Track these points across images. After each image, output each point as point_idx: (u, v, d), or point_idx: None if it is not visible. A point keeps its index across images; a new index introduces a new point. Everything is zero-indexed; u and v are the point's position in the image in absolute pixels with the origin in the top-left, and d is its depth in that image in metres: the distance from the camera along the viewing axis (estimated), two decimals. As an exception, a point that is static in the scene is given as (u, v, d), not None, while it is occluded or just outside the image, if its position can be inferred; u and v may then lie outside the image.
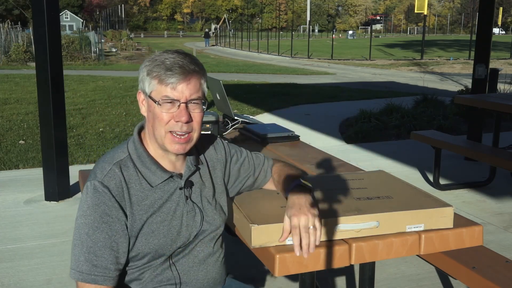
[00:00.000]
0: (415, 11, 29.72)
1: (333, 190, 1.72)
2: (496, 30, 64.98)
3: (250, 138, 2.80)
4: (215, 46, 45.88)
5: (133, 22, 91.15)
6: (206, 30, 54.80)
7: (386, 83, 15.55)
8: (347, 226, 1.48)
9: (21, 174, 5.25)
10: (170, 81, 1.38)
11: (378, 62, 25.57)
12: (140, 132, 1.52)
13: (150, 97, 1.41)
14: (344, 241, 1.48)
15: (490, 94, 6.07)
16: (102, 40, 27.89)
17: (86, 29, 37.23)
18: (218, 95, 3.08)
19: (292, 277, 2.87)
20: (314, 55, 30.12)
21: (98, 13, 76.77)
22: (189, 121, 1.41)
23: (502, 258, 2.28)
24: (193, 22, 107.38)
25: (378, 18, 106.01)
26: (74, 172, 4.05)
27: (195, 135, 1.45)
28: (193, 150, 1.51)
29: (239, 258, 3.01)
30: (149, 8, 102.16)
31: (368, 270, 1.74)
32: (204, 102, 1.44)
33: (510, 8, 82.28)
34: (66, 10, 75.01)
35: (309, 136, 6.87)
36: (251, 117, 3.34)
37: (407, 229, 1.54)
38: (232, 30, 54.92)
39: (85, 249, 1.37)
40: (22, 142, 6.71)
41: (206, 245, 1.56)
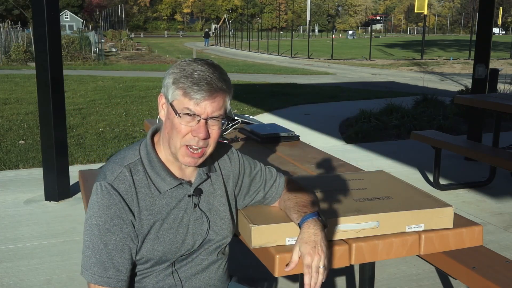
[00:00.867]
0: (415, 11, 29.73)
1: (333, 190, 1.72)
2: (496, 30, 64.97)
3: (250, 138, 2.80)
4: (215, 46, 45.88)
5: (133, 22, 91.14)
6: (206, 30, 55.01)
7: (386, 83, 15.55)
8: (347, 226, 1.48)
9: (21, 174, 5.25)
10: (195, 96, 1.36)
11: (378, 62, 25.57)
12: (153, 135, 1.51)
13: (172, 105, 1.39)
14: (344, 241, 1.48)
15: (490, 94, 6.07)
16: (102, 40, 27.89)
17: (86, 29, 37.24)
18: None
19: (292, 277, 2.87)
20: (314, 55, 30.12)
21: (98, 13, 76.77)
22: (206, 138, 1.39)
23: (502, 258, 2.28)
24: (193, 22, 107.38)
25: (378, 18, 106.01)
26: (74, 172, 4.05)
27: (209, 151, 1.43)
28: (207, 159, 1.48)
29: (239, 258, 3.01)
30: (149, 8, 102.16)
31: (368, 270, 1.74)
32: (224, 119, 1.43)
33: (510, 8, 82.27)
34: (66, 10, 75.03)
35: (309, 136, 6.87)
36: (251, 117, 3.34)
37: (407, 229, 1.53)
38: (232, 30, 54.92)
39: (96, 250, 1.37)
40: (22, 142, 6.71)
41: (211, 254, 1.55)
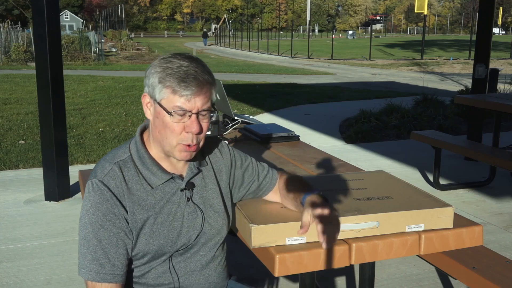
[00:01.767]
0: (415, 11, 29.74)
1: (333, 190, 1.72)
2: (496, 30, 64.99)
3: (250, 138, 2.80)
4: (215, 45, 45.89)
5: (133, 22, 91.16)
6: (204, 30, 55.35)
7: (386, 83, 15.56)
8: (347, 226, 1.48)
9: (21, 174, 5.25)
10: (185, 93, 1.36)
11: (378, 62, 25.57)
12: (142, 132, 1.52)
13: (160, 104, 1.39)
14: (344, 241, 1.48)
15: (490, 94, 6.08)
16: (102, 40, 27.89)
17: (86, 29, 37.22)
18: (218, 95, 3.08)
19: (292, 277, 2.87)
20: (314, 55, 30.13)
21: (98, 13, 76.78)
22: (199, 132, 1.40)
23: (502, 258, 2.28)
24: (193, 22, 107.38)
25: (378, 18, 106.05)
26: (74, 172, 4.05)
27: (202, 143, 1.46)
28: (197, 153, 1.50)
29: (239, 258, 3.01)
30: (149, 8, 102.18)
31: (368, 270, 1.74)
32: (212, 111, 1.44)
33: (510, 8, 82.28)
34: (66, 10, 75.05)
35: (309, 136, 6.87)
36: (251, 117, 3.34)
37: (407, 229, 1.53)
38: (232, 30, 54.97)
39: (91, 247, 1.38)
40: (22, 142, 6.71)
41: (210, 250, 1.55)
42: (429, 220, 1.55)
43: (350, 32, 73.51)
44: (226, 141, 2.70)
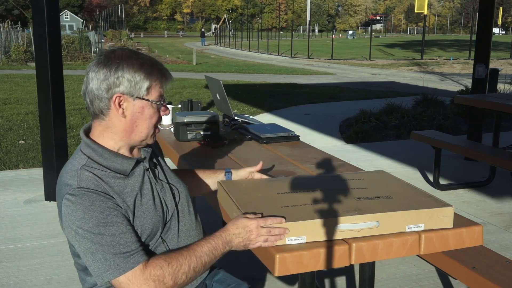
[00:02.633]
0: (415, 11, 29.74)
1: (332, 190, 1.72)
2: (496, 30, 64.99)
3: (250, 138, 2.80)
4: (215, 45, 45.89)
5: (133, 22, 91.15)
6: (202, 30, 55.57)
7: (386, 83, 15.56)
8: (347, 226, 1.48)
9: (21, 174, 5.25)
10: (166, 83, 1.52)
11: (378, 62, 25.58)
12: (86, 134, 1.54)
13: (144, 98, 1.47)
14: (344, 241, 1.48)
15: (490, 94, 6.08)
16: (102, 40, 27.91)
17: (86, 29, 37.22)
18: (218, 95, 3.08)
19: (292, 277, 2.87)
20: (314, 55, 30.13)
21: (98, 13, 76.75)
22: None
23: (502, 258, 2.28)
24: (193, 22, 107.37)
25: (378, 18, 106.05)
26: (74, 172, 4.04)
27: None
28: None
29: (239, 258, 3.01)
30: (149, 8, 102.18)
31: (368, 270, 1.74)
32: None
33: (510, 8, 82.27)
34: (66, 10, 75.04)
35: (309, 136, 6.87)
36: (251, 117, 3.34)
37: (407, 229, 1.53)
38: (232, 30, 54.98)
39: (107, 247, 1.35)
40: (22, 142, 6.71)
41: (188, 216, 1.63)
42: (429, 220, 1.55)
43: (350, 32, 73.50)
44: (226, 141, 2.70)
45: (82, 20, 67.63)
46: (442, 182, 4.80)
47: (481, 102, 4.72)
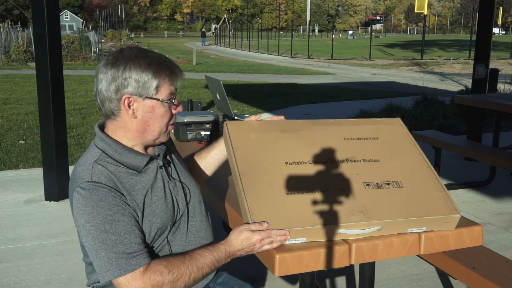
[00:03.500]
0: (415, 11, 29.74)
1: (344, 162, 1.60)
2: (496, 30, 64.99)
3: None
4: (215, 45, 45.90)
5: (133, 22, 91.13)
6: (203, 30, 55.69)
7: (386, 83, 15.56)
8: (349, 231, 1.47)
9: (21, 174, 5.25)
10: (176, 80, 1.50)
11: (378, 62, 25.58)
12: (101, 129, 1.54)
13: (154, 98, 1.45)
14: (344, 241, 1.48)
15: (490, 94, 6.08)
16: (102, 40, 27.89)
17: (86, 29, 37.22)
18: (218, 95, 3.08)
19: (292, 277, 2.87)
20: (314, 55, 30.13)
21: (98, 13, 76.75)
22: None
23: (502, 258, 2.28)
24: (193, 22, 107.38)
25: (378, 18, 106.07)
26: (74, 172, 4.04)
27: None
28: None
29: (239, 258, 3.01)
30: (149, 8, 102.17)
31: (368, 270, 1.74)
32: None
33: (510, 8, 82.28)
34: (66, 10, 75.04)
35: (309, 136, 6.85)
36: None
37: (409, 231, 1.53)
38: (232, 30, 54.99)
39: (111, 245, 1.35)
40: (22, 142, 6.71)
41: (197, 218, 1.61)
42: (432, 224, 1.53)
43: (350, 32, 73.50)
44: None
45: (82, 20, 67.64)
46: (442, 182, 4.78)
47: (481, 102, 4.72)
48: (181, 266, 1.38)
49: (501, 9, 42.65)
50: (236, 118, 3.11)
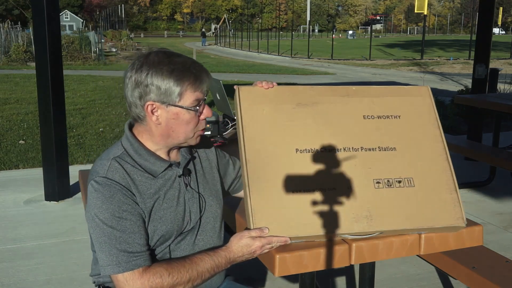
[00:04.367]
0: (415, 11, 29.75)
1: (358, 149, 1.51)
2: (496, 30, 64.97)
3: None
4: (215, 45, 45.89)
5: (133, 22, 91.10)
6: (203, 30, 55.73)
7: (386, 83, 15.55)
8: (351, 236, 1.46)
9: (21, 174, 5.25)
10: (202, 86, 1.46)
11: (378, 62, 25.58)
12: (131, 128, 1.54)
13: (178, 105, 1.43)
14: (344, 241, 1.48)
15: (490, 94, 6.08)
16: (102, 40, 27.89)
17: (86, 29, 37.20)
18: (218, 95, 3.08)
19: (292, 277, 2.87)
20: (314, 55, 30.13)
21: (98, 13, 76.71)
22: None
23: (502, 258, 2.28)
24: (193, 22, 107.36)
25: (378, 18, 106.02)
26: (74, 172, 4.05)
27: None
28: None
29: (239, 258, 3.01)
30: (149, 8, 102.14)
31: (368, 270, 1.74)
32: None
33: (510, 8, 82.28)
34: (66, 10, 75.02)
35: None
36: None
37: (409, 233, 1.52)
38: (232, 30, 54.98)
39: (114, 241, 1.36)
40: (22, 142, 6.71)
41: (207, 235, 1.58)
42: (435, 230, 1.52)
43: (350, 32, 73.49)
44: (226, 141, 2.70)
45: (82, 20, 67.60)
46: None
47: (481, 102, 4.72)
48: (181, 269, 1.38)
49: (501, 9, 42.65)
50: (236, 118, 3.10)
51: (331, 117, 1.55)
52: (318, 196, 1.44)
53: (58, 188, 4.30)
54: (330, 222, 1.43)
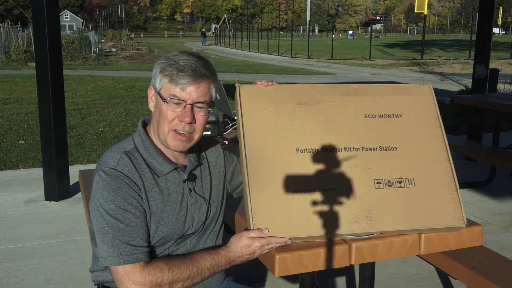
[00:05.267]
0: (415, 11, 29.75)
1: (359, 149, 1.50)
2: (496, 30, 64.96)
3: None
4: (215, 45, 45.89)
5: (133, 22, 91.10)
6: (203, 30, 55.76)
7: (386, 83, 15.52)
8: (350, 236, 1.46)
9: (21, 174, 5.25)
10: (181, 82, 1.42)
11: (378, 62, 25.57)
12: (144, 126, 1.56)
13: (159, 93, 1.46)
14: (344, 241, 1.48)
15: (490, 94, 6.08)
16: (102, 40, 27.87)
17: (86, 29, 37.22)
18: (218, 95, 3.08)
19: (292, 277, 2.87)
20: (314, 55, 30.12)
21: (98, 13, 76.72)
22: (192, 122, 1.45)
23: (502, 258, 2.28)
24: (193, 22, 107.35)
25: (378, 18, 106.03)
26: (74, 172, 4.05)
27: (196, 136, 1.50)
28: (195, 148, 1.57)
29: (239, 258, 3.01)
30: (149, 8, 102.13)
31: (368, 270, 1.74)
32: (210, 106, 1.49)
33: (510, 8, 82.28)
34: (66, 10, 75.01)
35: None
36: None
37: (410, 233, 1.52)
38: (232, 30, 54.99)
39: (117, 232, 1.37)
40: (22, 142, 6.71)
41: (207, 239, 1.59)
42: (435, 230, 1.52)
43: (350, 32, 73.48)
44: (226, 141, 2.70)
45: (82, 20, 67.58)
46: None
47: (481, 102, 4.72)
48: (181, 265, 1.39)
49: (501, 9, 42.65)
50: (236, 118, 3.10)
51: (332, 116, 1.55)
52: (318, 196, 1.44)
53: (58, 188, 4.30)
54: (330, 222, 1.43)
